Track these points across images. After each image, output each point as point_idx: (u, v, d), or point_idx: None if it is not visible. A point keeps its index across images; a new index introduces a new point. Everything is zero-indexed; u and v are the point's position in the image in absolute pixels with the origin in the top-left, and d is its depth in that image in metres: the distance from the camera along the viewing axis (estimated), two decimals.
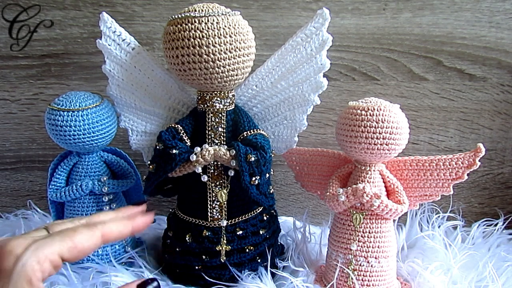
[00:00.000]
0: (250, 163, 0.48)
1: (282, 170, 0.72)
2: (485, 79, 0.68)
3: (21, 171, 0.73)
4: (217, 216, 0.53)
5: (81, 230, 0.32)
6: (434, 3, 0.65)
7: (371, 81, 0.68)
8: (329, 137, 0.71)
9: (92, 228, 0.33)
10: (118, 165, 0.58)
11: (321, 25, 0.50)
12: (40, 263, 0.29)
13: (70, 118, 0.52)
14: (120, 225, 0.36)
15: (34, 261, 0.29)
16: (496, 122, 0.71)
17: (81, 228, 0.33)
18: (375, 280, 0.51)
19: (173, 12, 0.53)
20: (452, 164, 0.49)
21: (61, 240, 0.31)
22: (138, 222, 0.37)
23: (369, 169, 0.50)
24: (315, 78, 0.52)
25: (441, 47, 0.67)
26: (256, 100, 0.55)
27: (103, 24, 0.51)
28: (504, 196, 0.74)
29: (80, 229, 0.33)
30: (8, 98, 0.69)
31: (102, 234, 0.34)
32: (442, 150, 0.72)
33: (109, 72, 0.53)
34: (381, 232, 0.50)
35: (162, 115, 0.56)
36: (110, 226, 0.35)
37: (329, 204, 0.51)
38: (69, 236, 0.31)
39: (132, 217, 0.37)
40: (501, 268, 0.56)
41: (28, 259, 0.29)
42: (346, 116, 0.49)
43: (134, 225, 0.37)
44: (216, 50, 0.45)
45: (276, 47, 0.55)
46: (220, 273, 0.54)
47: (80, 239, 0.32)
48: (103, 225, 0.34)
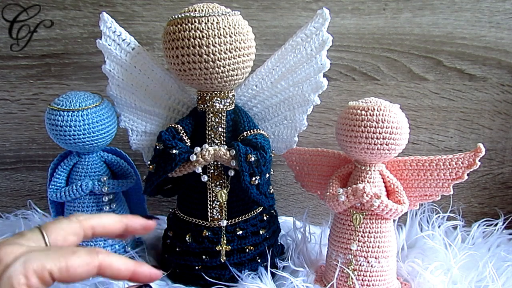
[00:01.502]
0: (250, 163, 0.48)
1: (282, 170, 0.72)
2: (485, 79, 0.68)
3: (21, 171, 0.73)
4: (217, 216, 0.53)
5: (80, 254, 0.30)
6: (434, 3, 0.65)
7: (371, 81, 0.68)
8: (329, 137, 0.71)
9: (93, 255, 0.31)
10: (118, 165, 0.58)
11: (321, 25, 0.50)
12: (27, 277, 0.28)
13: (70, 118, 0.52)
14: (122, 264, 0.32)
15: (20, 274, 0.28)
16: (496, 122, 0.71)
17: (82, 251, 0.31)
18: (375, 280, 0.51)
19: (173, 12, 0.53)
20: (452, 164, 0.49)
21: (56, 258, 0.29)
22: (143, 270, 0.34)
23: (369, 169, 0.50)
24: (315, 78, 0.52)
25: (441, 47, 0.67)
26: (256, 100, 0.55)
27: (103, 24, 0.51)
28: (504, 196, 0.74)
29: (80, 252, 0.31)
30: (8, 98, 0.69)
31: (99, 266, 0.31)
32: (442, 150, 0.72)
33: (109, 72, 0.53)
34: (381, 232, 0.50)
35: (162, 115, 0.56)
36: (112, 260, 0.32)
37: (329, 204, 0.51)
38: (65, 256, 0.30)
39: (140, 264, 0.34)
40: (501, 268, 0.56)
41: (15, 271, 0.27)
42: (346, 116, 0.49)
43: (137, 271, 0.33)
44: (216, 50, 0.45)
45: (276, 47, 0.55)
46: (220, 273, 0.54)
47: (75, 263, 0.30)
48: (105, 256, 0.32)
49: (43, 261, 0.29)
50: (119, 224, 0.36)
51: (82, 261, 0.30)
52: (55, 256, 0.29)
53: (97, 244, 0.56)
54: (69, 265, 0.29)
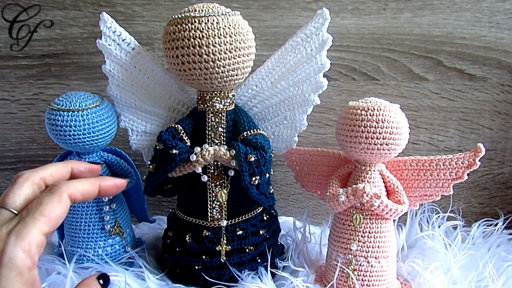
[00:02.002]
0: (250, 163, 0.48)
1: (282, 170, 0.72)
2: (485, 79, 0.68)
3: (21, 171, 0.73)
4: (217, 216, 0.53)
5: (47, 200, 0.31)
6: (434, 3, 0.65)
7: (371, 81, 0.68)
8: (329, 137, 0.71)
9: (56, 192, 0.32)
10: (118, 165, 0.58)
11: (321, 25, 0.50)
12: (26, 252, 0.29)
13: (70, 118, 0.52)
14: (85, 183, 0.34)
15: (20, 252, 0.28)
16: (496, 122, 0.71)
17: (45, 197, 0.32)
18: (375, 280, 0.51)
19: (173, 12, 0.53)
20: (452, 164, 0.49)
21: (34, 219, 0.30)
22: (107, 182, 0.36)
23: (369, 169, 0.50)
24: (315, 78, 0.52)
25: (441, 47, 0.67)
26: (256, 100, 0.55)
27: (103, 24, 0.51)
28: (504, 196, 0.74)
29: (45, 199, 0.32)
30: (8, 98, 0.69)
31: (68, 195, 0.32)
32: (442, 150, 0.72)
33: (109, 72, 0.53)
34: (381, 232, 0.50)
35: (162, 115, 0.56)
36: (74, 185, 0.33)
37: (329, 204, 0.51)
38: (38, 211, 0.31)
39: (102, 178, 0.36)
40: (501, 268, 0.56)
41: (13, 251, 0.28)
42: (346, 116, 0.49)
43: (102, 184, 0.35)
44: (216, 50, 0.45)
45: (276, 47, 0.55)
46: (220, 273, 0.54)
47: (49, 210, 0.31)
48: (67, 185, 0.33)
49: (29, 228, 0.29)
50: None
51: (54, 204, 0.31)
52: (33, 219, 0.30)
53: (97, 244, 0.56)
54: (48, 215, 0.31)
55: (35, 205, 0.31)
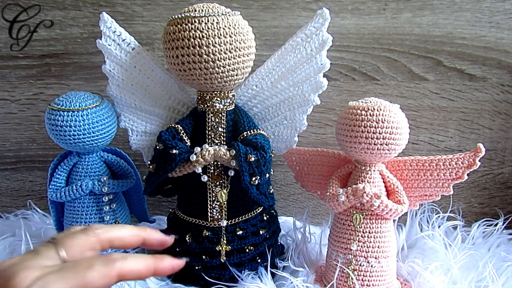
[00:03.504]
0: (250, 163, 0.48)
1: (282, 170, 0.72)
2: (485, 79, 0.68)
3: (21, 171, 0.73)
4: (217, 216, 0.53)
5: (97, 267, 0.29)
6: (434, 3, 0.65)
7: (371, 81, 0.68)
8: (329, 137, 0.71)
9: (109, 265, 0.30)
10: (118, 165, 0.58)
11: (321, 25, 0.50)
12: None
13: (70, 118, 0.52)
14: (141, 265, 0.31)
15: None
16: (496, 122, 0.71)
17: (97, 264, 0.30)
18: (375, 280, 0.51)
19: (173, 12, 0.53)
20: (452, 164, 0.49)
21: (73, 277, 0.28)
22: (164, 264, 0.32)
23: (369, 169, 0.50)
24: (315, 78, 0.52)
25: (441, 47, 0.67)
26: (256, 100, 0.55)
27: (103, 24, 0.51)
28: (504, 196, 0.74)
29: (96, 265, 0.30)
30: (8, 98, 0.69)
31: (118, 274, 0.30)
32: (442, 150, 0.72)
33: (109, 72, 0.53)
34: (381, 232, 0.50)
35: (162, 115, 0.56)
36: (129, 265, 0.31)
37: (329, 204, 0.51)
38: (81, 273, 0.29)
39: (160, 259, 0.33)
40: (501, 268, 0.56)
41: None
42: (346, 116, 0.49)
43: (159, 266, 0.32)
44: (216, 50, 0.45)
45: (276, 47, 0.55)
46: (220, 273, 0.54)
47: (92, 278, 0.29)
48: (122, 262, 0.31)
49: (61, 283, 0.28)
50: (137, 238, 0.35)
51: (99, 274, 0.29)
52: (71, 276, 0.28)
53: None
54: (87, 282, 0.28)
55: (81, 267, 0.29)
